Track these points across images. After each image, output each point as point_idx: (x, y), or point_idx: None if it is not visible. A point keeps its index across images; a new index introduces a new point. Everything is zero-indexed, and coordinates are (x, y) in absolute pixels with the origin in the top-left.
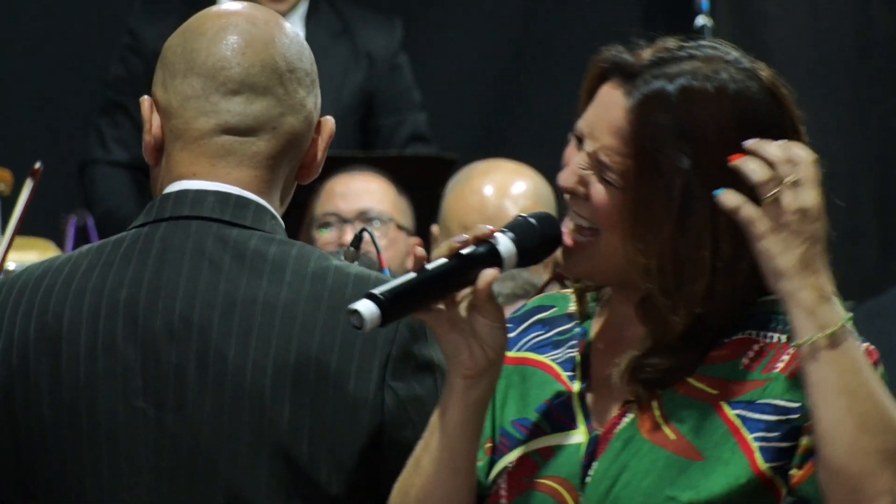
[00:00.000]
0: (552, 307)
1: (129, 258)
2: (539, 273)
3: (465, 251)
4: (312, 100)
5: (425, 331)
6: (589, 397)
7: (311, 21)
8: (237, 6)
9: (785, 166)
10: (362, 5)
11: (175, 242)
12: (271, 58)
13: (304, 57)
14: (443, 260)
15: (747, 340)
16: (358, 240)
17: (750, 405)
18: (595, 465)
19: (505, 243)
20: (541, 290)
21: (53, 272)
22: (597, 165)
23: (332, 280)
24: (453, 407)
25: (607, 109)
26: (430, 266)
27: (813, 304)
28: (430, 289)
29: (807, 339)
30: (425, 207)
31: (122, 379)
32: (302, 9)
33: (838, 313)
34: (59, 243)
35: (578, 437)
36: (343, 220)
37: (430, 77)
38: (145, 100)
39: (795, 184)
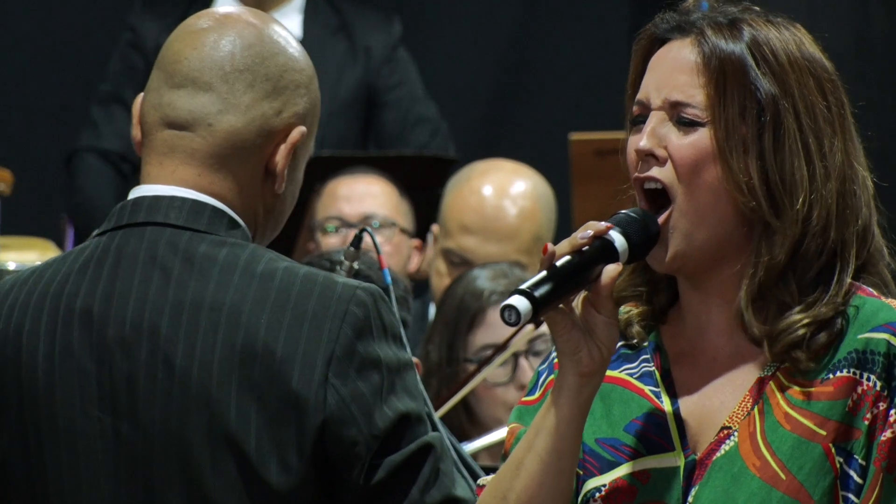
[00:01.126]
0: None
1: (87, 267)
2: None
3: (586, 248)
4: (273, 105)
5: (371, 328)
6: (683, 416)
7: (308, 17)
8: (226, 10)
9: None
10: (360, 2)
11: (129, 250)
12: (223, 56)
13: (273, 63)
14: (568, 257)
15: (851, 381)
16: (358, 240)
17: (850, 457)
18: (695, 490)
19: (619, 239)
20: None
21: (21, 282)
22: (675, 108)
23: (280, 280)
24: (565, 405)
25: (672, 60)
26: (558, 263)
27: None
28: (568, 284)
29: None
30: (425, 207)
31: (79, 388)
32: (299, 5)
33: None
34: (59, 243)
35: (675, 460)
36: (347, 225)
37: (430, 77)
38: (138, 97)
39: None
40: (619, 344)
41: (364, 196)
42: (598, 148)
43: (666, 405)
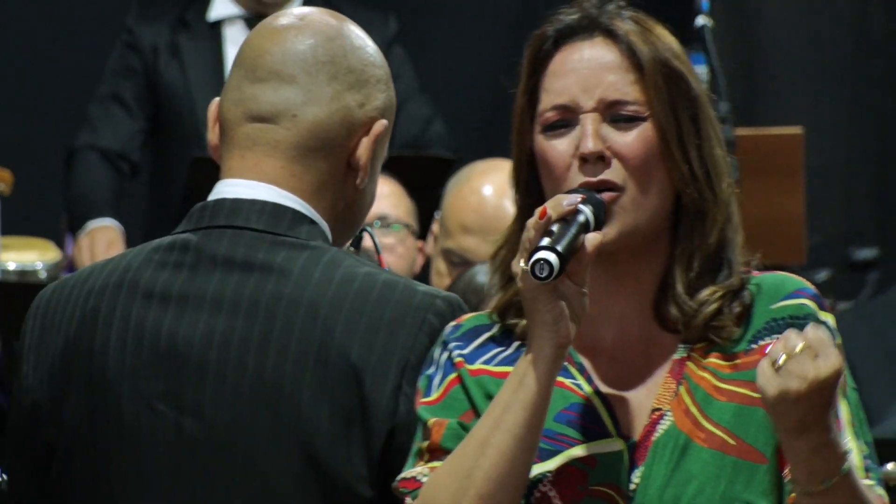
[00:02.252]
0: (491, 325)
1: (165, 264)
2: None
3: (581, 218)
4: (356, 98)
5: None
6: (608, 403)
7: None
8: (304, 9)
9: (793, 338)
10: (357, 1)
11: (208, 251)
12: (305, 49)
13: (354, 56)
14: (558, 224)
15: None
16: (358, 240)
17: None
18: (640, 471)
19: (588, 212)
20: None
21: (98, 271)
22: (612, 107)
23: (359, 285)
24: (541, 378)
25: (590, 61)
26: (554, 228)
27: (808, 455)
28: (573, 249)
29: (802, 489)
30: (425, 207)
31: (146, 381)
32: (296, 4)
33: (835, 461)
34: (59, 243)
35: (616, 444)
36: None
37: (429, 77)
38: (214, 101)
39: (804, 353)
40: (516, 344)
41: (379, 197)
42: None
43: (589, 394)
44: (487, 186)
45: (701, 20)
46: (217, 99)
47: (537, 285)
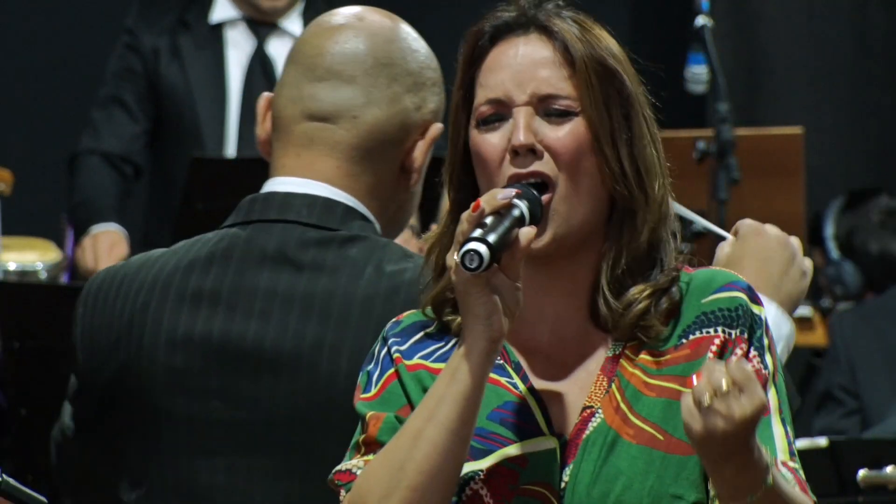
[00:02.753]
0: (430, 322)
1: (213, 257)
2: None
3: (515, 212)
4: (414, 100)
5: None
6: (542, 402)
7: (307, 17)
8: (360, 8)
9: (717, 374)
10: (359, 3)
11: (258, 245)
12: (365, 50)
13: (413, 58)
14: (491, 217)
15: (706, 339)
16: None
17: None
18: (570, 469)
19: (524, 207)
20: None
21: (148, 266)
22: (544, 101)
23: (411, 275)
24: (474, 371)
25: (525, 56)
26: (488, 221)
27: (732, 475)
28: (505, 242)
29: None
30: (425, 207)
31: (199, 376)
32: (300, 6)
33: (759, 477)
34: (59, 243)
35: (549, 443)
36: None
37: None
38: (264, 95)
39: (728, 393)
40: (455, 340)
41: None
42: None
43: (524, 393)
44: None
45: (701, 20)
46: (267, 94)
47: (468, 278)
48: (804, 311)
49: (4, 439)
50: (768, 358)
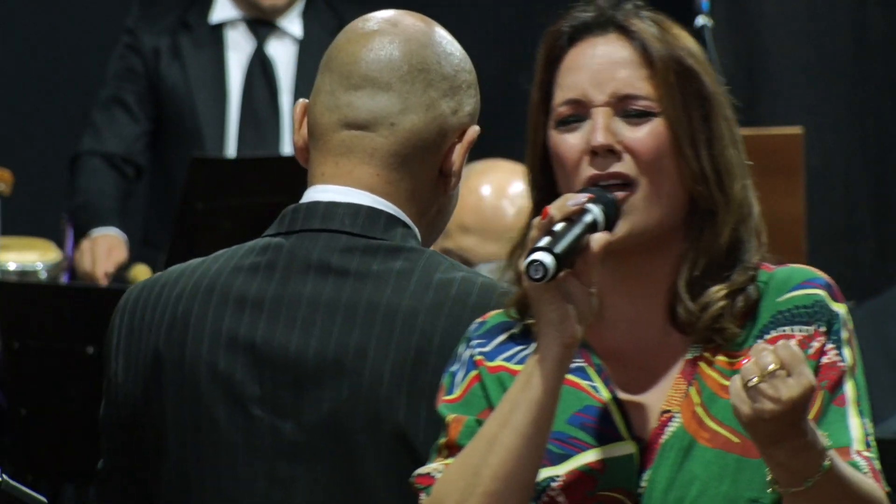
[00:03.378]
0: (514, 323)
1: (258, 267)
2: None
3: (587, 218)
4: (450, 105)
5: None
6: (622, 406)
7: (307, 17)
8: (393, 12)
9: (765, 356)
10: (359, 4)
11: (302, 255)
12: (400, 56)
13: (447, 62)
14: (563, 223)
15: (783, 337)
16: None
17: None
18: (647, 474)
19: (597, 210)
20: None
21: (189, 273)
22: (623, 102)
23: (457, 289)
24: (548, 378)
25: (603, 56)
26: (557, 228)
27: (786, 461)
28: (576, 248)
29: (782, 490)
30: None
31: (241, 384)
32: (299, 6)
33: (815, 461)
34: (59, 243)
35: (627, 448)
36: None
37: None
38: (300, 102)
39: (774, 373)
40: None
41: None
42: None
43: (606, 397)
44: (486, 186)
45: (701, 20)
46: (303, 100)
47: (538, 286)
48: None
49: (4, 439)
50: (847, 351)
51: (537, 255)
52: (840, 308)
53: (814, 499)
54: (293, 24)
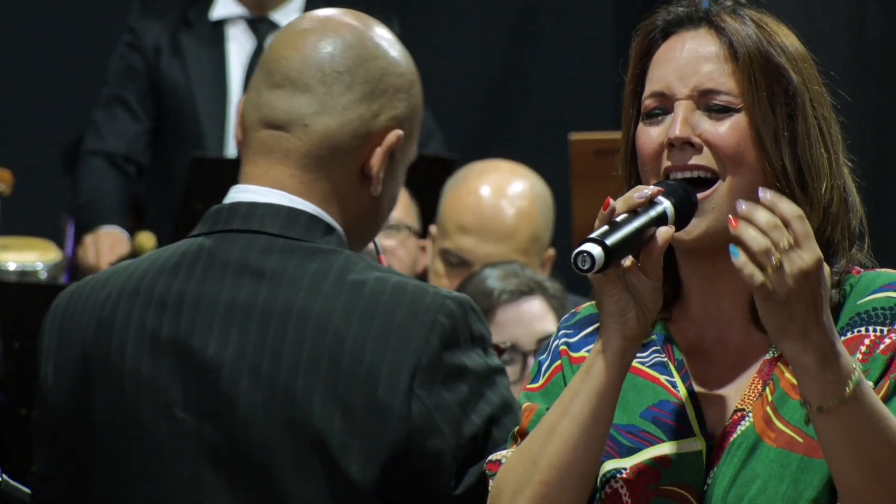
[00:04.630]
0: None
1: (179, 267)
2: (538, 271)
3: (653, 211)
4: (371, 108)
5: (459, 338)
6: (697, 403)
7: None
8: (329, 12)
9: (776, 232)
10: (359, 4)
11: (221, 255)
12: (323, 57)
13: (373, 65)
14: (625, 215)
15: (856, 339)
16: None
17: None
18: (714, 471)
19: (668, 204)
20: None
21: (116, 276)
22: (705, 96)
23: (370, 289)
24: (608, 369)
25: (691, 51)
26: (619, 219)
27: (816, 368)
28: (634, 240)
29: (815, 407)
30: (425, 207)
31: (164, 387)
32: (299, 4)
33: (844, 372)
34: (59, 243)
35: (696, 444)
36: None
37: (430, 77)
38: (241, 99)
39: (791, 247)
40: None
41: None
42: (597, 148)
43: (682, 393)
44: (485, 187)
45: None
46: (245, 97)
47: (600, 277)
48: None
49: (4, 439)
50: None
51: (586, 246)
52: None
53: (846, 423)
54: None
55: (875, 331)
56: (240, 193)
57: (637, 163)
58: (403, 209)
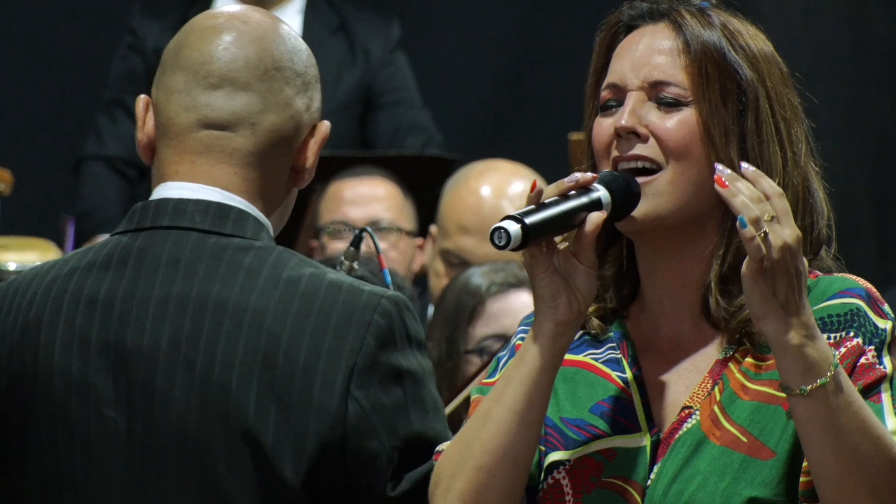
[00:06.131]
0: None
1: (108, 266)
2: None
3: (572, 194)
4: (304, 101)
5: (395, 338)
6: (647, 399)
7: (308, 17)
8: (236, 7)
9: (761, 205)
10: (360, 4)
11: (152, 253)
12: (256, 55)
13: (298, 59)
14: (555, 198)
15: None
16: (358, 240)
17: None
18: (658, 466)
19: (603, 192)
20: None
21: (42, 275)
22: (656, 88)
23: (305, 286)
24: (540, 354)
25: (647, 44)
26: (547, 201)
27: (798, 346)
28: (558, 222)
29: (797, 389)
30: (425, 207)
31: (94, 387)
32: (299, 5)
33: (825, 353)
34: (59, 243)
35: (641, 439)
36: (353, 229)
37: (430, 78)
38: (141, 98)
39: (773, 220)
40: (581, 332)
41: (369, 199)
42: None
43: (632, 389)
44: (485, 187)
45: None
46: (144, 97)
47: (529, 260)
48: None
49: None
50: (887, 360)
51: (503, 223)
52: (879, 320)
53: (827, 406)
54: (293, 21)
55: (830, 338)
56: (168, 190)
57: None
58: (396, 210)
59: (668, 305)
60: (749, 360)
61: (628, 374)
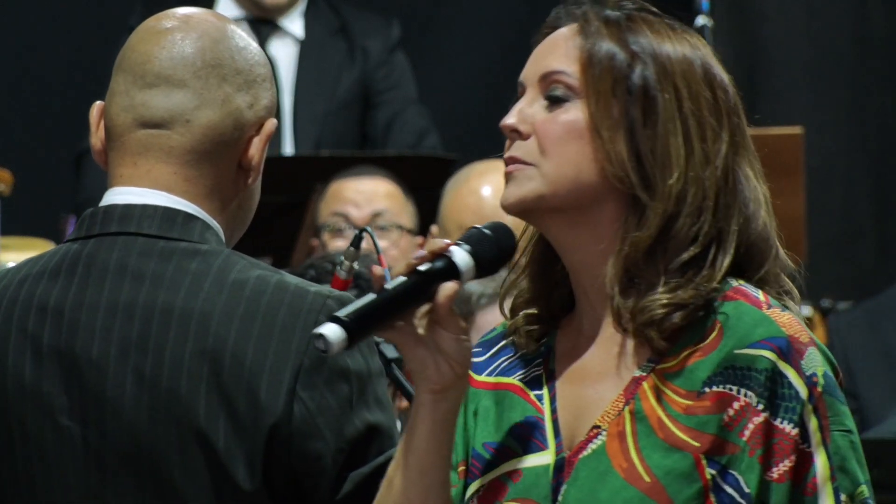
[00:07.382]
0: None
1: (58, 274)
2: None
3: (422, 267)
4: (245, 99)
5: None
6: (560, 416)
7: (309, 18)
8: (186, 10)
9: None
10: (361, 5)
11: (100, 259)
12: (193, 53)
13: (241, 57)
14: (402, 278)
15: (728, 396)
16: (358, 240)
17: (724, 471)
18: (564, 488)
19: (462, 256)
20: None
21: None
22: (546, 80)
23: (251, 289)
24: (422, 423)
25: (550, 41)
26: (389, 285)
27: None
28: (392, 307)
29: None
30: (425, 207)
31: (48, 396)
32: (301, 6)
33: None
34: (59, 243)
35: (546, 458)
36: (354, 227)
37: (431, 78)
38: (95, 105)
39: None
40: (521, 352)
41: (371, 198)
42: None
43: (546, 406)
44: (486, 187)
45: (701, 20)
46: (99, 102)
47: (391, 335)
48: (804, 311)
49: None
50: (812, 422)
51: (322, 328)
52: (789, 371)
53: None
54: (294, 24)
55: (746, 396)
56: (116, 196)
57: None
58: (397, 209)
59: (589, 310)
60: (670, 393)
61: (544, 392)
